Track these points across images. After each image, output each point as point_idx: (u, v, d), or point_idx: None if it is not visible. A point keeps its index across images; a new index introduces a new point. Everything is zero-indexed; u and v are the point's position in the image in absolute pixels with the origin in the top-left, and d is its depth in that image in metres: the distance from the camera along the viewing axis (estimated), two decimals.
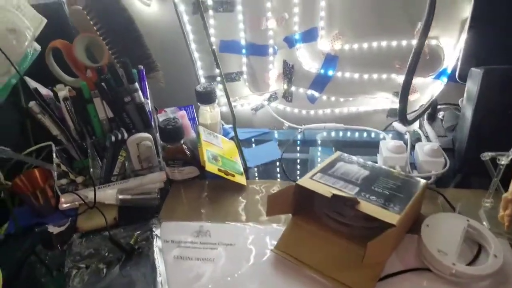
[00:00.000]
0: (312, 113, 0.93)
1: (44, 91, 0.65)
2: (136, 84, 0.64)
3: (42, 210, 0.64)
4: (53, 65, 0.63)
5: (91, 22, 0.63)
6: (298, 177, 0.70)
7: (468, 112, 0.66)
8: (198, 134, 0.71)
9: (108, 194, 0.63)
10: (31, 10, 0.63)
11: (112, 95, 0.64)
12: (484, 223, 0.56)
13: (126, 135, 0.66)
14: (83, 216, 0.62)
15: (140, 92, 0.66)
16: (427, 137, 0.74)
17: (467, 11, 0.76)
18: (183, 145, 0.66)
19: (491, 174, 0.58)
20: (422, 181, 0.57)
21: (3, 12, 0.60)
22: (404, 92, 0.59)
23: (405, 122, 0.62)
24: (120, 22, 0.66)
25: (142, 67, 0.68)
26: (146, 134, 0.66)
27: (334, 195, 0.50)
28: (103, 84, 0.63)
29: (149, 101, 0.70)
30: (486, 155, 0.57)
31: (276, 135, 0.83)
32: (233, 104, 0.93)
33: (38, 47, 0.64)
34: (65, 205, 0.63)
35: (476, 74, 0.64)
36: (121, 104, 0.65)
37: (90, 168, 0.65)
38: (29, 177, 0.63)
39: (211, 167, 0.65)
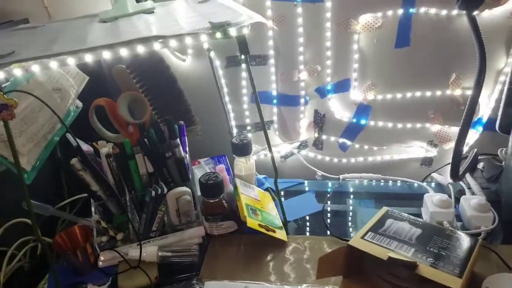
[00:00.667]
0: (344, 161, 0.93)
1: (85, 147, 0.66)
2: (178, 140, 0.65)
3: (81, 268, 0.62)
4: (95, 122, 0.64)
5: (134, 80, 0.65)
6: (340, 232, 0.68)
7: None
8: (235, 187, 0.70)
9: (149, 251, 0.61)
10: (75, 68, 0.65)
11: (153, 151, 0.64)
12: None
13: (165, 189, 0.65)
14: (124, 275, 0.60)
15: (181, 147, 0.66)
16: (469, 189, 0.72)
17: (502, 62, 0.77)
18: (223, 200, 0.65)
19: None
20: (475, 239, 0.55)
21: (50, 72, 0.62)
22: (458, 148, 0.58)
23: (457, 178, 0.61)
24: (163, 80, 0.67)
25: (182, 122, 0.68)
26: (185, 188, 0.65)
27: (390, 258, 0.48)
28: (145, 140, 0.63)
29: (187, 155, 0.70)
30: None
31: (310, 186, 0.82)
32: (262, 152, 0.94)
33: (80, 104, 0.66)
34: (104, 263, 0.62)
35: None
36: (162, 160, 0.65)
37: (132, 223, 0.64)
38: (70, 235, 0.63)
39: (252, 223, 0.63)
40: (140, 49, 0.47)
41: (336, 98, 0.87)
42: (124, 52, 0.46)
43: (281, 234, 0.66)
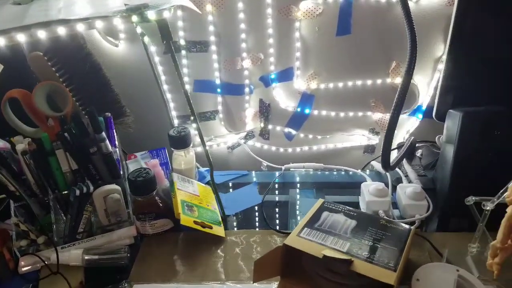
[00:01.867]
0: (290, 150, 0.91)
1: (1, 143, 0.59)
2: (103, 134, 0.60)
3: None
4: (10, 116, 0.58)
5: (53, 69, 0.59)
6: (278, 225, 0.67)
7: (448, 154, 0.65)
8: (172, 182, 0.66)
9: (73, 254, 0.57)
10: None
11: (76, 146, 0.59)
12: (473, 270, 0.55)
13: (92, 187, 0.61)
14: (46, 281, 0.55)
15: (107, 141, 0.61)
16: (406, 176, 0.73)
17: (440, 50, 0.77)
18: (155, 197, 0.62)
19: (476, 219, 0.56)
20: (409, 228, 0.55)
21: None
22: (388, 139, 0.58)
23: (388, 168, 0.61)
24: (85, 69, 0.62)
25: (109, 114, 0.63)
26: (114, 186, 0.61)
27: (325, 256, 0.47)
28: (66, 134, 0.58)
29: (117, 150, 0.65)
30: (471, 200, 0.56)
31: (254, 178, 0.80)
32: (208, 143, 0.90)
33: None
34: (24, 269, 0.57)
35: (455, 116, 0.64)
36: (86, 155, 0.60)
37: (53, 226, 0.59)
38: None
39: (186, 220, 0.60)
40: (42, 34, 0.41)
41: (280, 87, 0.84)
42: (21, 38, 0.40)
43: (218, 230, 0.64)
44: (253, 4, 0.74)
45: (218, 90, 0.84)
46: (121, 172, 0.65)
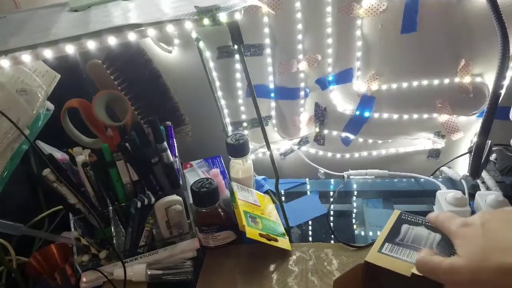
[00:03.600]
0: (348, 156, 0.86)
1: (59, 155, 0.58)
2: (165, 143, 0.57)
3: None
4: (69, 126, 0.56)
5: (112, 77, 0.57)
6: (347, 237, 0.62)
7: None
8: (232, 192, 0.63)
9: (137, 270, 0.55)
10: (43, 65, 0.57)
11: (137, 156, 0.57)
12: None
13: (153, 199, 0.58)
14: None
15: (169, 151, 0.58)
16: (483, 183, 0.67)
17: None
18: (218, 208, 0.59)
19: None
20: None
21: (12, 71, 0.54)
22: (480, 144, 0.52)
23: (476, 176, 0.55)
24: (145, 76, 0.59)
25: (170, 123, 0.61)
26: (176, 197, 0.58)
27: (414, 275, 0.42)
28: (127, 145, 0.56)
29: (177, 159, 0.62)
30: None
31: (312, 186, 0.75)
32: (260, 150, 0.87)
33: (51, 107, 0.58)
34: (86, 285, 0.55)
35: None
36: (148, 166, 0.58)
37: (114, 239, 0.57)
38: (46, 255, 0.55)
39: (252, 233, 0.56)
40: (112, 40, 0.39)
41: (338, 90, 0.80)
42: (91, 45, 0.38)
43: (284, 243, 0.59)
44: (311, 2, 0.70)
45: (272, 95, 0.80)
46: (181, 182, 0.62)
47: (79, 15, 0.53)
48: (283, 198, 0.73)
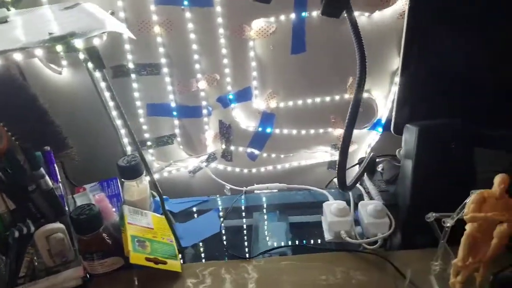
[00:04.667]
0: (254, 171, 0.88)
1: None
2: (42, 170, 0.55)
3: None
4: None
5: None
6: (242, 252, 0.63)
7: (407, 169, 0.64)
8: (122, 216, 0.62)
9: None
10: None
11: (12, 185, 0.55)
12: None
13: (32, 228, 0.56)
14: None
15: (47, 177, 0.57)
16: (368, 193, 0.72)
17: (395, 64, 0.77)
18: (103, 234, 0.57)
19: (437, 236, 0.55)
20: None
21: None
22: (342, 158, 0.56)
23: (345, 189, 0.59)
24: (19, 102, 0.57)
25: (49, 148, 0.59)
26: (57, 225, 0.57)
27: None
28: (0, 174, 0.53)
29: (60, 185, 0.61)
30: (431, 216, 0.54)
31: (214, 204, 0.77)
32: (168, 169, 0.87)
33: None
34: None
35: (411, 130, 0.63)
36: (24, 194, 0.56)
37: None
38: None
39: (137, 258, 0.56)
40: None
41: (239, 108, 0.82)
42: None
43: (173, 265, 0.60)
44: (204, 24, 0.72)
45: (174, 113, 0.81)
46: (66, 209, 0.60)
47: None
48: (187, 217, 0.73)
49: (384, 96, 0.81)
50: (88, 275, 0.59)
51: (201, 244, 0.67)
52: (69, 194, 0.66)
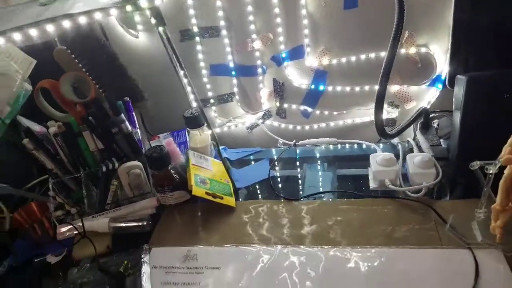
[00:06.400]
0: (307, 128, 0.93)
1: (38, 128, 0.69)
2: (122, 116, 0.67)
3: (41, 241, 0.67)
4: (42, 103, 0.66)
5: (76, 61, 0.67)
6: (288, 195, 0.70)
7: (456, 119, 0.64)
8: (187, 158, 0.72)
9: (101, 223, 0.65)
10: (20, 53, 0.67)
11: (100, 127, 0.67)
12: (477, 235, 0.54)
13: (116, 164, 0.68)
14: (78, 246, 0.64)
15: (127, 122, 0.68)
16: (419, 147, 0.72)
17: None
18: (171, 171, 0.68)
19: (481, 184, 0.55)
20: None
21: None
22: (378, 105, 0.58)
23: (385, 136, 0.61)
24: (103, 59, 0.69)
25: (128, 98, 0.70)
26: (135, 162, 0.68)
27: None
28: (90, 118, 0.65)
29: (138, 130, 0.72)
30: (475, 164, 0.54)
31: (266, 154, 0.84)
32: (228, 124, 0.95)
33: (29, 87, 0.68)
34: (61, 236, 0.66)
35: (461, 81, 0.63)
36: (109, 135, 0.68)
37: (85, 199, 0.68)
38: (27, 211, 0.67)
39: (198, 191, 0.66)
40: (50, 28, 0.48)
41: (292, 66, 0.86)
42: (34, 32, 0.48)
43: (228, 200, 0.68)
44: None
45: (233, 72, 0.88)
46: (143, 150, 0.72)
47: (44, 8, 0.62)
48: (241, 165, 0.82)
49: (443, 51, 0.79)
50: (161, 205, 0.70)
51: (254, 187, 0.74)
52: (146, 141, 0.78)
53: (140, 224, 0.66)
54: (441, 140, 0.74)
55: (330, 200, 0.67)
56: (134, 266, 0.59)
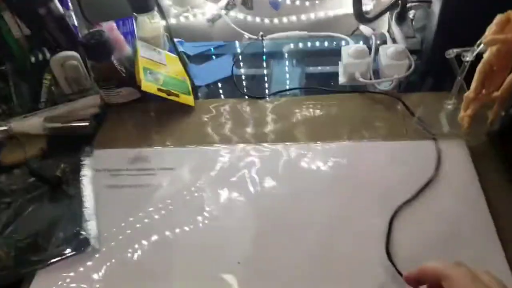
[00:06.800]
0: (276, 21, 0.83)
1: None
2: None
3: None
4: None
5: None
6: (254, 93, 0.63)
7: (436, 7, 0.56)
8: (135, 49, 0.62)
9: (33, 123, 0.56)
10: None
11: (23, 6, 0.54)
12: (444, 126, 0.52)
13: (48, 54, 0.57)
14: (8, 149, 0.56)
15: (57, 1, 0.56)
16: (393, 39, 0.66)
17: None
18: (115, 63, 0.58)
19: (455, 73, 0.51)
20: None
21: None
22: None
23: (362, 19, 0.53)
24: None
25: None
26: (71, 52, 0.58)
27: None
28: None
29: (72, 13, 0.60)
30: (451, 52, 0.49)
31: (233, 48, 0.74)
32: (185, 14, 0.83)
33: None
34: None
35: None
36: (36, 18, 0.55)
37: (13, 95, 0.58)
38: None
39: (148, 87, 0.57)
40: None
41: None
42: None
43: (186, 99, 0.61)
44: None
45: None
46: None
47: None
48: (201, 60, 0.72)
49: None
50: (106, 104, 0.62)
51: (215, 85, 0.66)
52: (85, 30, 0.66)
53: (81, 124, 0.58)
54: (416, 33, 0.67)
55: (297, 97, 0.61)
56: (73, 170, 0.52)
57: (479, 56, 0.45)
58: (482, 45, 0.44)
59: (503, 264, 0.38)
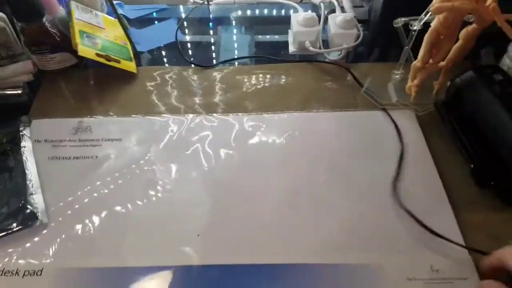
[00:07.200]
0: None
1: None
2: None
3: None
4: None
5: None
6: (201, 61, 0.61)
7: None
8: (69, 11, 0.57)
9: None
10: None
11: None
12: (392, 96, 0.53)
13: None
14: None
15: None
16: (342, 7, 0.67)
17: None
18: (47, 25, 0.53)
19: (403, 43, 0.53)
20: None
21: None
22: None
23: None
24: None
25: None
26: None
27: None
28: None
29: None
30: (399, 21, 0.50)
31: (178, 12, 0.71)
32: None
33: None
34: None
35: None
36: None
37: None
38: None
39: (85, 51, 0.53)
40: None
41: None
42: None
43: (128, 65, 0.57)
44: None
45: None
46: None
47: None
48: (143, 24, 0.68)
49: None
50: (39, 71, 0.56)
51: (159, 51, 0.63)
52: None
53: (13, 92, 0.53)
54: (364, 2, 0.69)
55: (246, 66, 0.60)
56: (11, 141, 0.48)
57: (426, 25, 0.47)
58: (429, 14, 0.45)
59: (450, 219, 0.40)
